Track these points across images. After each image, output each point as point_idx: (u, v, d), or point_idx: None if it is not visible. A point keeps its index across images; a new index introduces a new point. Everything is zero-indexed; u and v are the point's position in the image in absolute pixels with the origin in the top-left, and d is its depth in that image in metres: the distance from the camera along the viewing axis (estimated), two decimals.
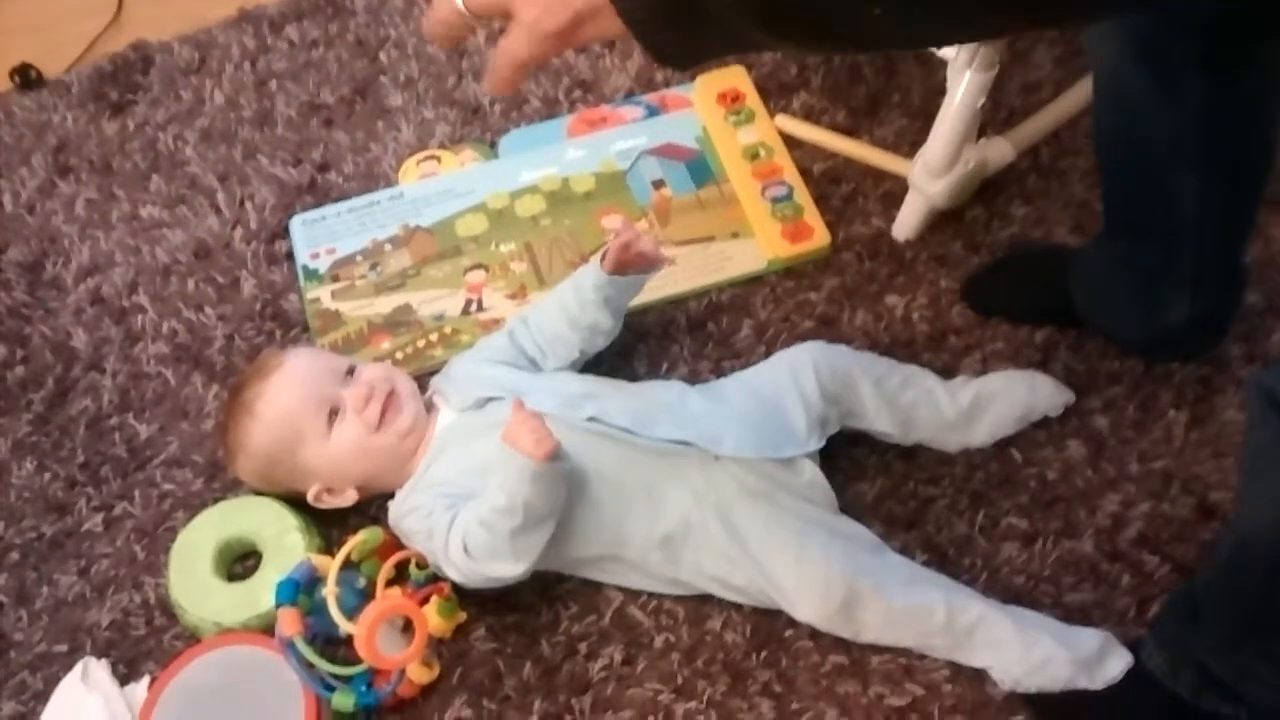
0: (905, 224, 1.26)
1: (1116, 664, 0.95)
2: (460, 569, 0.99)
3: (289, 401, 1.07)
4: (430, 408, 1.12)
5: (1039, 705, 0.97)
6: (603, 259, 1.09)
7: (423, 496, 1.04)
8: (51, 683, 1.07)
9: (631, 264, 1.09)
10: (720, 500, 1.01)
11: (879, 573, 0.99)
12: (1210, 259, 1.00)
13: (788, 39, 0.57)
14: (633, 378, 1.15)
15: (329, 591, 1.00)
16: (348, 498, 1.10)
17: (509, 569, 0.98)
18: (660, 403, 1.07)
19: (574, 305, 1.11)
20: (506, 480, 0.95)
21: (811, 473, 1.04)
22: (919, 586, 1.00)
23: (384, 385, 1.08)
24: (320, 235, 1.33)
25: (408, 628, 1.03)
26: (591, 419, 1.03)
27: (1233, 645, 0.86)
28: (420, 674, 1.02)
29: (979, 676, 1.00)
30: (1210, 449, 1.11)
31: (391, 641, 1.03)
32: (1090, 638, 0.97)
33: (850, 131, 1.35)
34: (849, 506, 1.07)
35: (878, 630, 1.00)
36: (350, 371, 1.10)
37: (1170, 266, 1.01)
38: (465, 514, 0.99)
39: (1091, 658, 0.95)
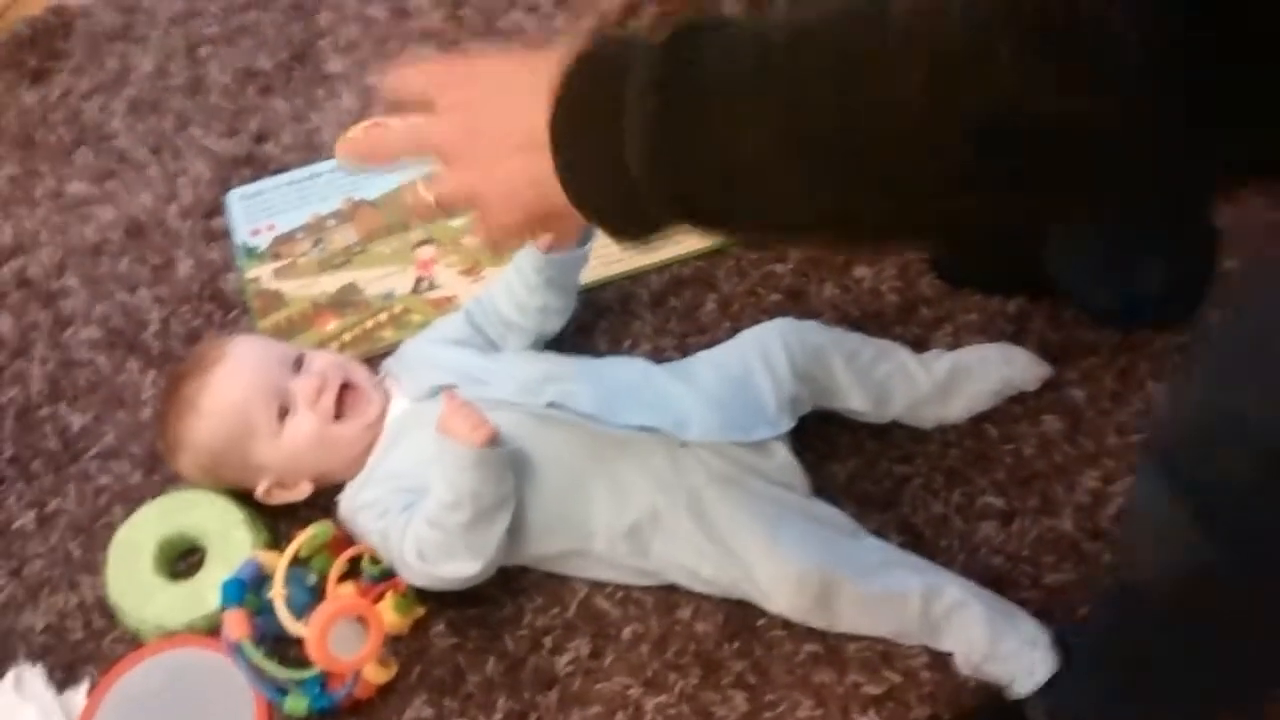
0: None
1: (1042, 670, 0.92)
2: (418, 574, 0.96)
3: (236, 396, 1.02)
4: (382, 391, 1.07)
5: None
6: None
7: (377, 490, 0.99)
8: None
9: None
10: (689, 487, 0.97)
11: (854, 560, 0.96)
12: (1183, 221, 0.97)
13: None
14: (594, 355, 1.12)
15: (276, 594, 0.95)
16: (301, 491, 1.05)
17: (467, 568, 0.95)
18: (624, 384, 1.02)
19: (520, 289, 1.07)
20: (447, 473, 0.92)
21: (783, 455, 1.01)
22: (895, 573, 0.97)
23: (336, 375, 1.03)
24: (259, 210, 1.27)
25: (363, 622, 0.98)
26: (552, 404, 0.99)
27: (1115, 710, 0.84)
28: (377, 674, 0.98)
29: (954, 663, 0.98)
30: None
31: (346, 639, 0.98)
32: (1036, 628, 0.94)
33: None
34: (821, 488, 1.04)
35: (853, 621, 0.97)
36: (299, 361, 1.05)
37: (1142, 230, 0.97)
38: (415, 518, 0.95)
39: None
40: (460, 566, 0.95)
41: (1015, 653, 0.93)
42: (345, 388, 1.03)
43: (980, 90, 0.42)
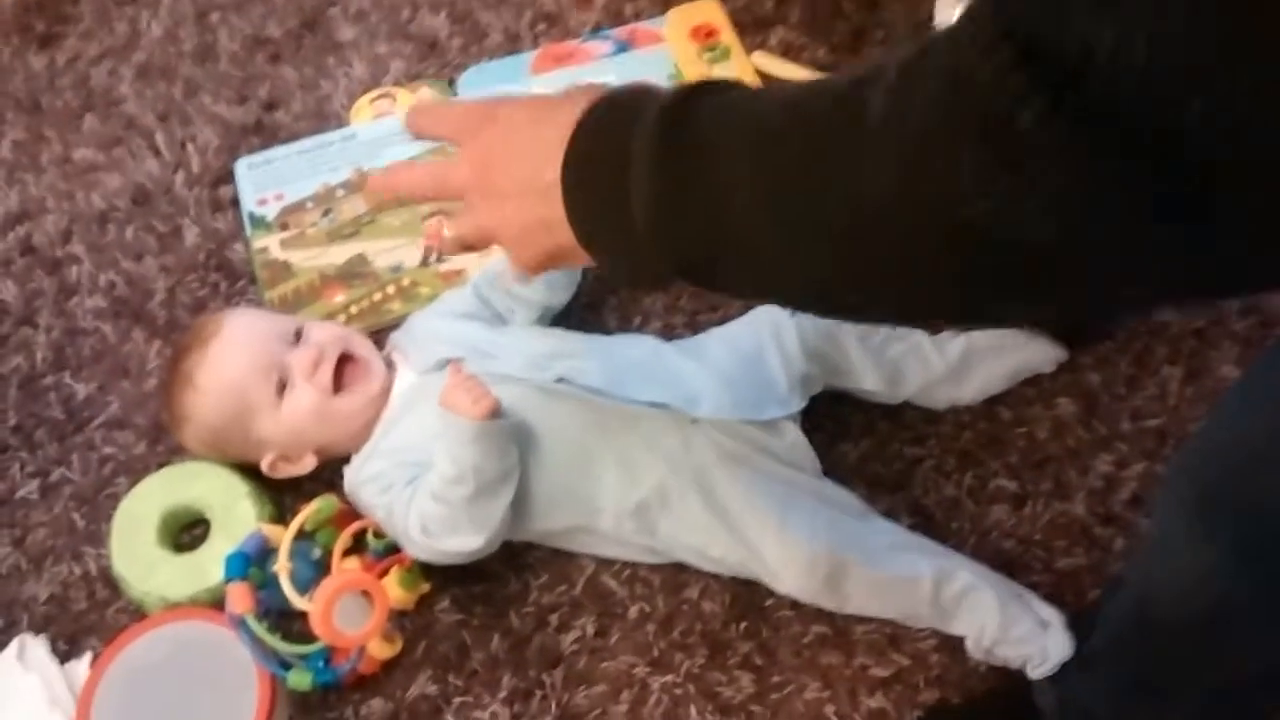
0: None
1: (1056, 654, 0.91)
2: (423, 549, 0.95)
3: (232, 371, 1.00)
4: (388, 366, 1.06)
5: None
6: None
7: (381, 464, 0.98)
8: None
9: None
10: (698, 465, 0.96)
11: (865, 542, 0.95)
12: None
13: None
14: (603, 332, 1.10)
15: (281, 567, 0.94)
16: (305, 465, 1.03)
17: (470, 542, 0.94)
18: (633, 361, 1.01)
19: None
20: (450, 446, 0.91)
21: (794, 435, 1.00)
22: (906, 555, 0.96)
23: (335, 347, 1.02)
24: (267, 179, 1.25)
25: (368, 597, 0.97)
26: (560, 380, 0.98)
27: (1124, 705, 0.83)
28: (381, 649, 0.97)
29: (964, 646, 0.96)
30: (1206, 406, 1.06)
31: (351, 614, 0.97)
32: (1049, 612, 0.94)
33: (831, 69, 1.28)
34: (832, 468, 1.02)
35: (862, 602, 0.96)
36: (298, 333, 1.03)
37: None
38: (419, 492, 0.94)
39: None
40: (464, 541, 0.94)
41: (1028, 637, 0.92)
42: (347, 360, 1.02)
43: (935, 193, 0.45)
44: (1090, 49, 0.39)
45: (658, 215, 0.57)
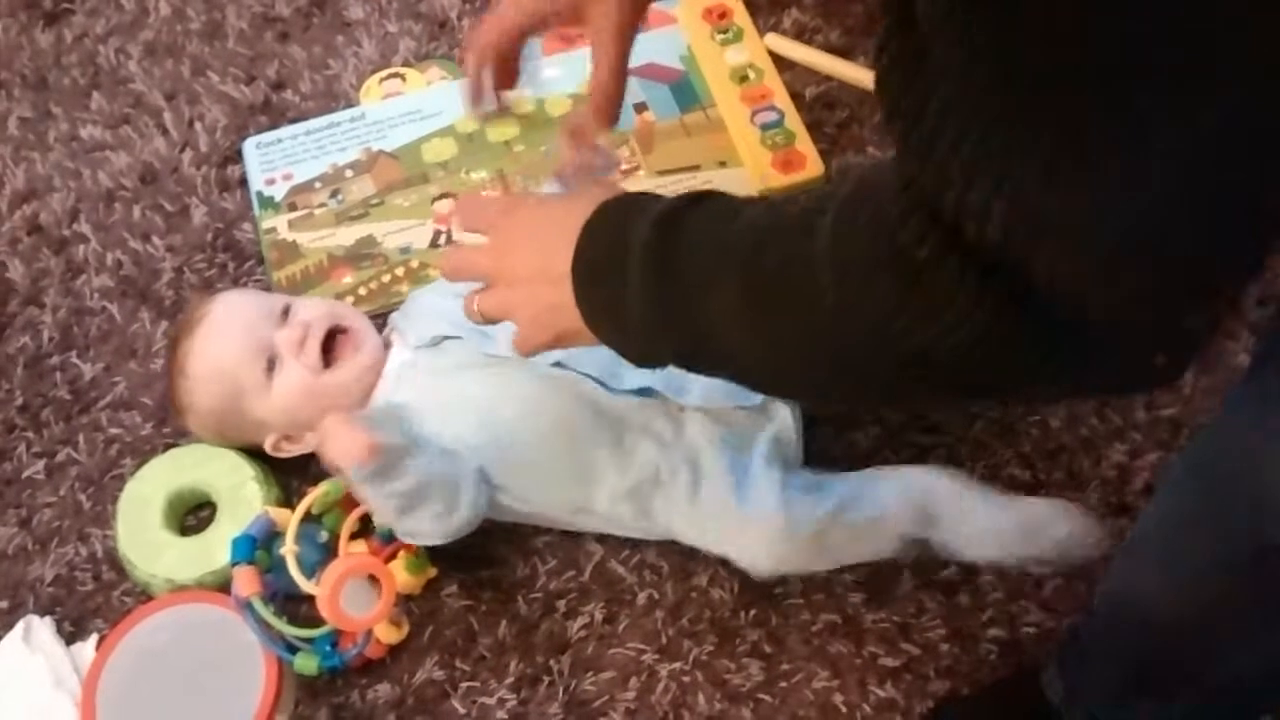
0: None
1: (1061, 528, 0.91)
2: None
3: (218, 355, 1.00)
4: (387, 346, 1.05)
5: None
6: None
7: None
8: None
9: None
10: (688, 450, 0.96)
11: (837, 497, 0.93)
12: None
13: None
14: None
15: (288, 551, 0.94)
16: (308, 444, 1.02)
17: (434, 540, 0.95)
18: None
19: None
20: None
21: (784, 420, 0.98)
22: (877, 489, 0.93)
23: (322, 322, 1.01)
24: (276, 159, 1.24)
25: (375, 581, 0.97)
26: (557, 364, 0.97)
27: (1125, 699, 0.83)
28: (388, 634, 0.97)
29: (974, 637, 0.96)
30: (1220, 396, 1.05)
31: (357, 598, 0.96)
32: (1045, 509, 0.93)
33: (846, 53, 1.27)
34: (842, 457, 1.01)
35: (852, 551, 0.94)
36: (285, 311, 1.03)
37: None
38: None
39: (1040, 525, 0.92)
40: (425, 540, 0.95)
41: (1045, 523, 0.91)
42: (338, 333, 1.02)
43: (863, 310, 0.55)
44: (964, 206, 0.49)
45: (650, 317, 0.66)
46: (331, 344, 1.01)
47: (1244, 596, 0.66)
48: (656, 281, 0.65)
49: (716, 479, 0.94)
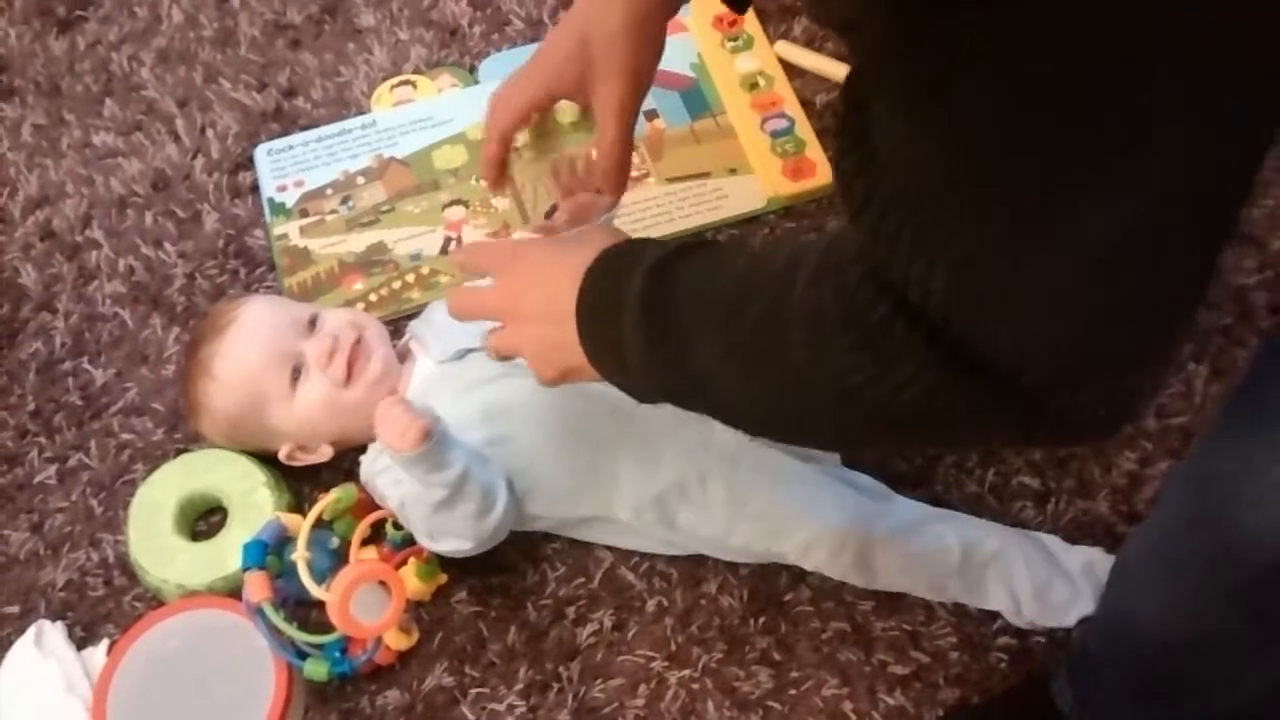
0: None
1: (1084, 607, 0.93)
2: (429, 545, 0.96)
3: (247, 361, 1.00)
4: (405, 355, 1.05)
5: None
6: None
7: None
8: (2, 647, 1.00)
9: (581, 219, 1.02)
10: (718, 457, 0.96)
11: (890, 519, 0.95)
12: None
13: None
14: None
15: (299, 556, 0.94)
16: (322, 454, 1.03)
17: (459, 545, 0.95)
18: None
19: None
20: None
21: None
22: (933, 527, 0.96)
23: (349, 334, 1.01)
24: (287, 166, 1.25)
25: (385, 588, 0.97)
26: None
27: (1131, 713, 0.83)
28: (398, 640, 0.97)
29: (984, 645, 0.96)
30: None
31: (368, 604, 0.96)
32: (1084, 562, 0.95)
33: None
34: (851, 464, 1.01)
35: (891, 578, 0.96)
36: (312, 321, 1.03)
37: None
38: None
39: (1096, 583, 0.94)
40: (453, 544, 0.95)
41: (1065, 605, 0.93)
42: (357, 345, 1.02)
43: (829, 364, 0.59)
44: (908, 279, 0.54)
45: (643, 363, 0.71)
46: (353, 357, 1.01)
47: (1238, 619, 0.67)
48: (647, 331, 0.69)
49: (753, 482, 0.95)
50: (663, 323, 0.69)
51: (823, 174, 1.18)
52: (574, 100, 0.95)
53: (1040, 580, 0.93)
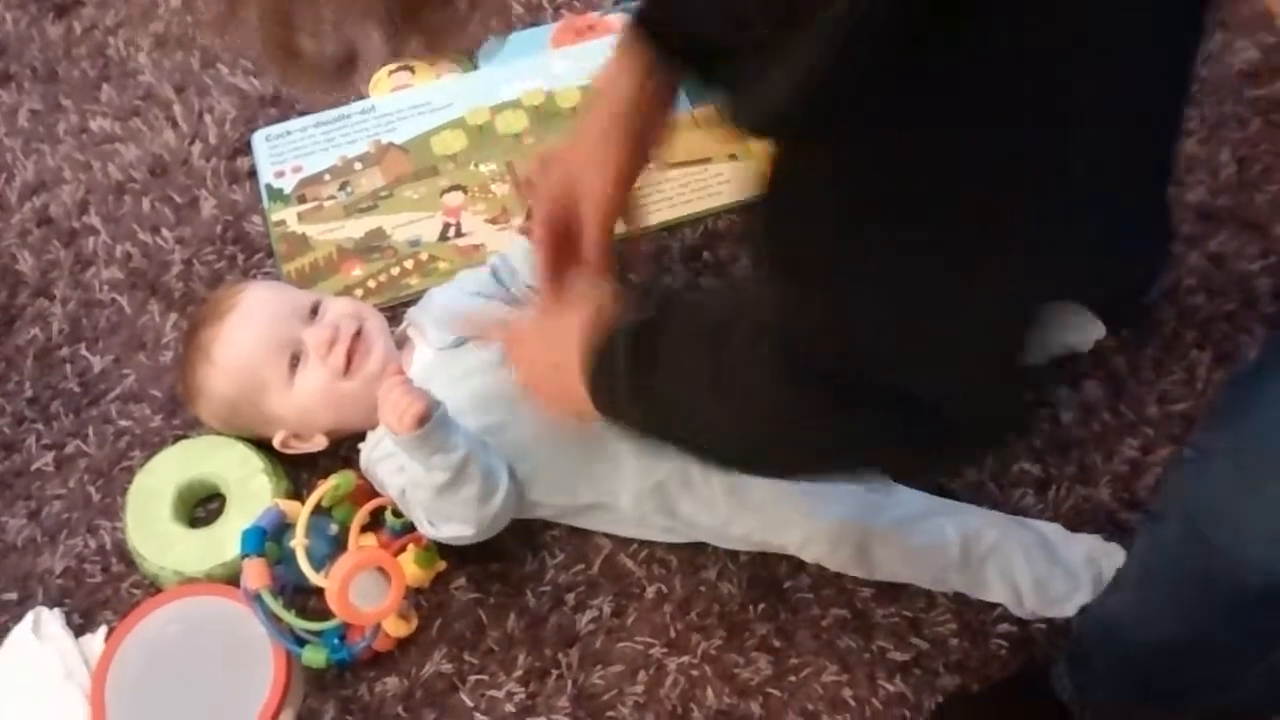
0: None
1: (1109, 566, 0.93)
2: (429, 532, 0.96)
3: (247, 346, 1.00)
4: (403, 342, 1.05)
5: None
6: None
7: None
8: (0, 634, 1.00)
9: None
10: None
11: (890, 511, 0.95)
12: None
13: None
14: None
15: (298, 544, 0.94)
16: (316, 443, 1.03)
17: (461, 530, 0.95)
18: None
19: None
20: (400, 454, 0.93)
21: None
22: (932, 521, 0.95)
23: (350, 324, 1.01)
24: (285, 152, 1.24)
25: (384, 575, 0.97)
26: None
27: (1129, 703, 0.83)
28: (397, 627, 0.97)
29: (984, 632, 0.96)
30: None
31: (367, 591, 0.96)
32: (1083, 552, 0.95)
33: None
34: None
35: (892, 569, 0.95)
36: (314, 309, 1.02)
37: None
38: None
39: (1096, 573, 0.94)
40: (456, 529, 0.94)
41: (1067, 594, 0.92)
42: (357, 337, 1.01)
43: (770, 402, 0.67)
44: (817, 336, 0.62)
45: (644, 424, 0.79)
46: (352, 347, 1.01)
47: (1229, 633, 0.68)
48: (637, 400, 0.77)
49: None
50: (648, 398, 0.76)
51: None
52: (569, 211, 0.96)
53: (1040, 572, 0.93)
